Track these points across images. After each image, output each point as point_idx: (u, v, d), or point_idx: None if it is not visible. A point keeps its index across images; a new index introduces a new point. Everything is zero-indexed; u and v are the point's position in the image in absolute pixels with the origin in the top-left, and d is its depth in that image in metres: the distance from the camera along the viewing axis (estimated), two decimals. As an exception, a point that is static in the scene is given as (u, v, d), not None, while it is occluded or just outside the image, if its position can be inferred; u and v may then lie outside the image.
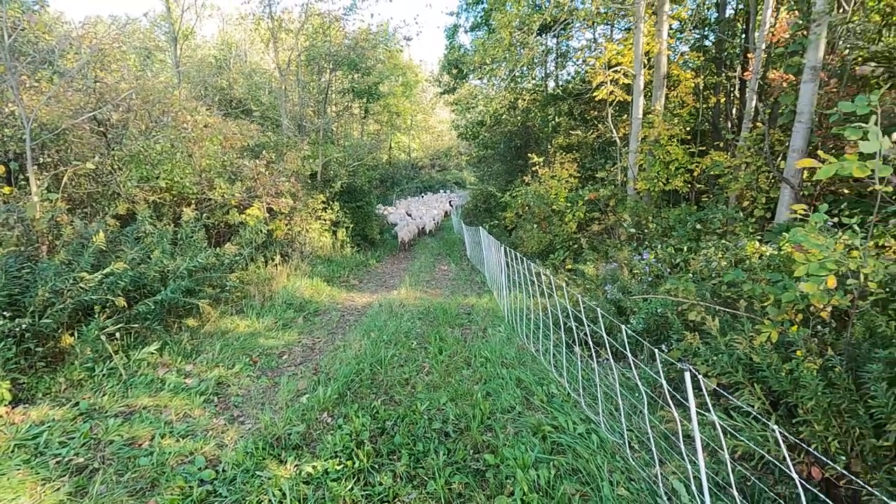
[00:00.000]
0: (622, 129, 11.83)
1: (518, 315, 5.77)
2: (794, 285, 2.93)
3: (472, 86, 18.14)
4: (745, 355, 2.89)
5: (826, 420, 2.47)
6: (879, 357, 2.49)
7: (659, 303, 4.09)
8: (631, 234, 7.85)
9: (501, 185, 16.22)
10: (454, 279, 10.38)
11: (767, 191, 7.29)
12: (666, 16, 9.91)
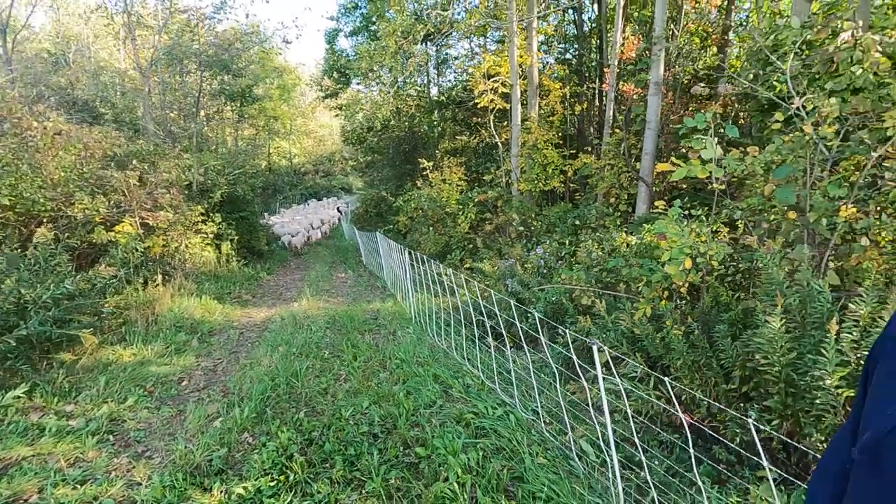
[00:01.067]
0: (503, 134, 12.71)
1: (426, 315, 6.00)
2: (659, 268, 3.54)
3: (358, 91, 18.08)
4: (628, 329, 3.43)
5: (691, 375, 3.06)
6: (723, 319, 3.15)
7: (554, 291, 4.60)
8: (520, 231, 8.54)
9: (392, 190, 16.42)
10: (354, 286, 10.33)
11: (628, 188, 8.44)
12: (535, 31, 10.91)
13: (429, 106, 15.47)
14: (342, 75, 18.77)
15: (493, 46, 15.00)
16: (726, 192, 4.20)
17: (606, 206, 8.40)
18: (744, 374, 2.82)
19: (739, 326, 3.16)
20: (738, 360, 2.87)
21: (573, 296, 4.31)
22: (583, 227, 7.56)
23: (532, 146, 10.40)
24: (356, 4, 17.84)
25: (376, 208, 19.14)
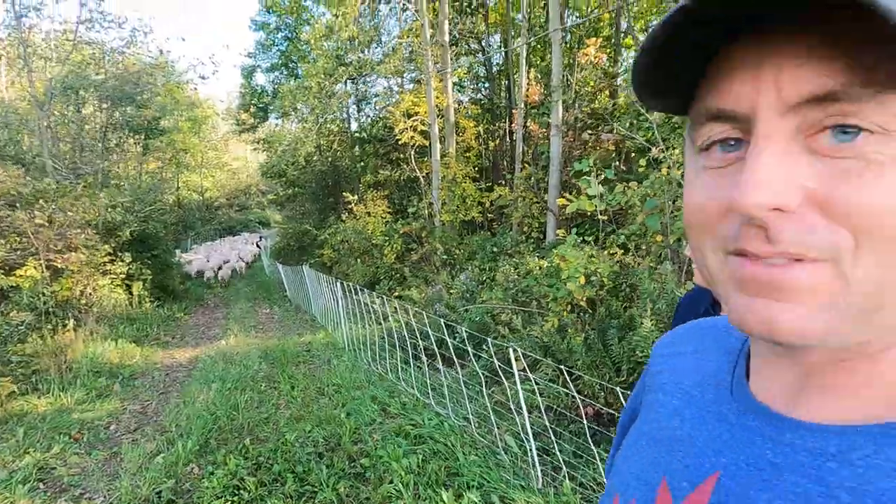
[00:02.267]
0: (424, 168, 13.42)
1: (359, 343, 6.29)
2: (563, 286, 4.21)
3: (279, 127, 18.11)
4: (540, 339, 4.04)
5: (590, 373, 3.70)
6: (614, 325, 3.85)
7: (477, 311, 5.15)
8: (444, 259, 9.12)
9: (315, 223, 16.46)
10: (282, 321, 10.28)
11: (539, 217, 9.38)
12: (450, 75, 11.85)
13: (350, 141, 15.91)
14: (260, 109, 18.71)
15: (409, 86, 15.89)
16: (613, 220, 5.05)
17: (521, 233, 9.26)
18: (630, 367, 3.49)
19: (626, 330, 3.87)
20: (624, 357, 3.55)
21: (494, 314, 4.89)
22: (501, 254, 8.29)
23: (451, 180, 11.16)
24: (273, 42, 18.05)
25: (299, 242, 18.97)
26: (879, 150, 0.27)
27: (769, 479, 0.36)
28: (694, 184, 0.36)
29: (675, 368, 0.52)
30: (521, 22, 12.35)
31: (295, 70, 17.98)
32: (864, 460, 0.32)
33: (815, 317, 0.30)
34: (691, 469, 0.41)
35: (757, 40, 0.30)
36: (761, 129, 0.30)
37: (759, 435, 0.38)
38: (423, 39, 10.97)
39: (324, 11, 13.42)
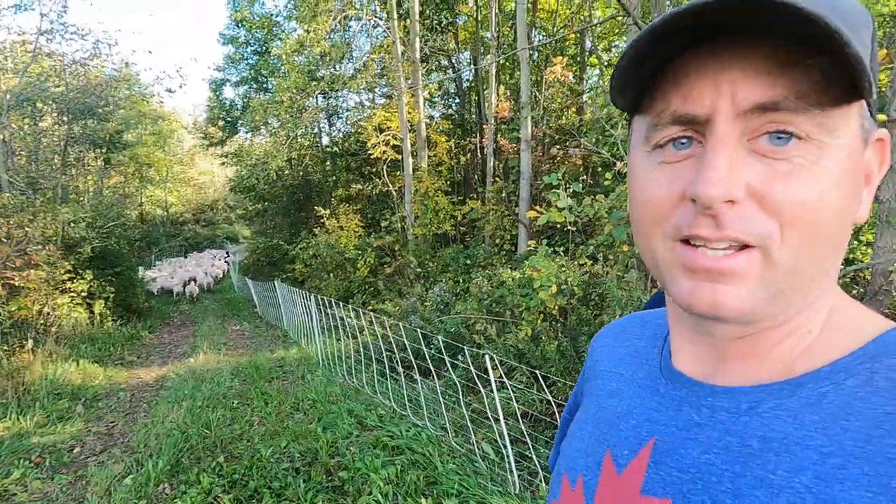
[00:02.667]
0: (397, 182, 13.50)
1: (334, 357, 6.25)
2: (535, 295, 4.33)
3: (248, 141, 17.90)
4: (515, 347, 4.13)
5: (564, 379, 3.81)
6: (585, 332, 3.99)
7: (452, 322, 5.22)
8: (418, 272, 9.17)
9: (286, 238, 16.26)
10: (252, 337, 10.08)
11: (510, 230, 9.57)
12: (421, 90, 12.05)
13: (322, 155, 15.87)
14: (228, 123, 18.47)
15: (381, 101, 16.00)
16: (583, 231, 5.24)
17: (493, 245, 9.42)
18: (600, 373, 3.62)
19: (596, 337, 4.01)
20: (596, 362, 3.67)
21: (469, 325, 4.97)
22: (474, 266, 8.41)
23: (424, 193, 11.27)
24: (242, 56, 17.92)
25: (269, 257, 18.66)
26: (804, 154, 0.34)
27: (696, 437, 0.41)
28: (648, 178, 0.40)
29: (610, 357, 0.58)
30: (490, 40, 12.70)
31: (265, 84, 17.89)
32: (769, 412, 0.38)
33: (750, 296, 0.36)
34: (631, 439, 0.47)
35: (712, 55, 0.35)
36: (718, 131, 0.35)
37: (685, 402, 0.44)
38: (395, 56, 11.14)
39: (295, 27, 13.46)
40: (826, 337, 0.40)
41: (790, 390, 0.39)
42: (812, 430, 0.36)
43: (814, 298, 0.39)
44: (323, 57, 11.51)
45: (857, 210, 0.38)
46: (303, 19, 10.64)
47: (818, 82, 0.33)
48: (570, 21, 13.64)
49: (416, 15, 11.18)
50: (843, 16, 0.33)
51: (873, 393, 0.35)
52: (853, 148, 0.36)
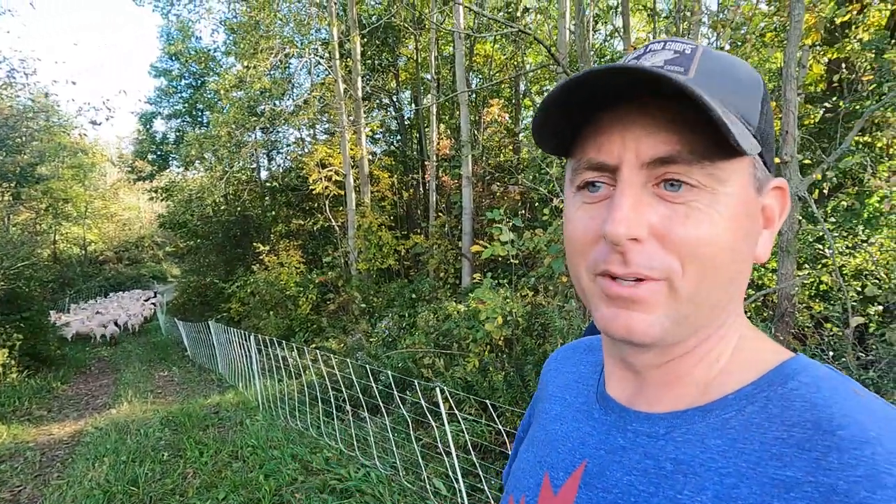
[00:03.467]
0: (340, 217, 13.40)
1: (275, 399, 5.98)
2: (482, 327, 4.44)
3: (180, 175, 17.15)
4: (463, 379, 4.18)
5: (511, 409, 3.88)
6: (530, 361, 4.11)
7: (399, 357, 5.19)
8: (362, 308, 9.05)
9: (221, 276, 15.52)
10: (183, 383, 9.42)
11: (454, 263, 9.73)
12: (363, 127, 12.20)
13: (260, 191, 15.49)
14: (159, 157, 17.68)
15: (322, 136, 16.00)
16: (525, 263, 5.45)
17: (437, 279, 9.51)
18: (546, 400, 3.73)
19: (541, 365, 4.15)
20: (541, 391, 3.78)
21: (417, 359, 4.97)
22: (419, 300, 8.44)
23: (367, 229, 11.25)
24: (176, 89, 17.39)
25: (202, 296, 17.66)
26: (697, 199, 0.39)
27: (620, 459, 0.45)
28: (574, 217, 0.45)
29: (557, 381, 0.61)
30: (430, 81, 13.18)
31: (200, 118, 17.36)
32: (682, 437, 0.42)
33: (658, 322, 0.41)
34: (566, 461, 0.50)
35: (622, 114, 0.41)
36: (624, 178, 0.40)
37: (613, 427, 0.48)
38: (337, 94, 11.27)
39: (234, 62, 13.32)
40: (733, 366, 0.44)
41: (701, 416, 0.42)
42: (715, 452, 0.40)
43: (717, 328, 0.44)
44: (263, 93, 11.43)
45: (755, 248, 0.44)
46: (243, 55, 10.58)
47: (707, 140, 0.38)
48: (505, 66, 14.50)
49: (357, 55, 11.45)
50: (734, 82, 0.41)
51: (767, 419, 0.39)
52: (744, 195, 0.41)
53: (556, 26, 9.20)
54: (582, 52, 6.58)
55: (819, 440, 0.36)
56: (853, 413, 0.37)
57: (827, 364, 0.43)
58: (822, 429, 0.37)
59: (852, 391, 0.39)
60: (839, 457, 0.35)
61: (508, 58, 14.51)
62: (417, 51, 13.67)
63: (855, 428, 0.36)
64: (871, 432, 0.35)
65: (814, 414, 0.38)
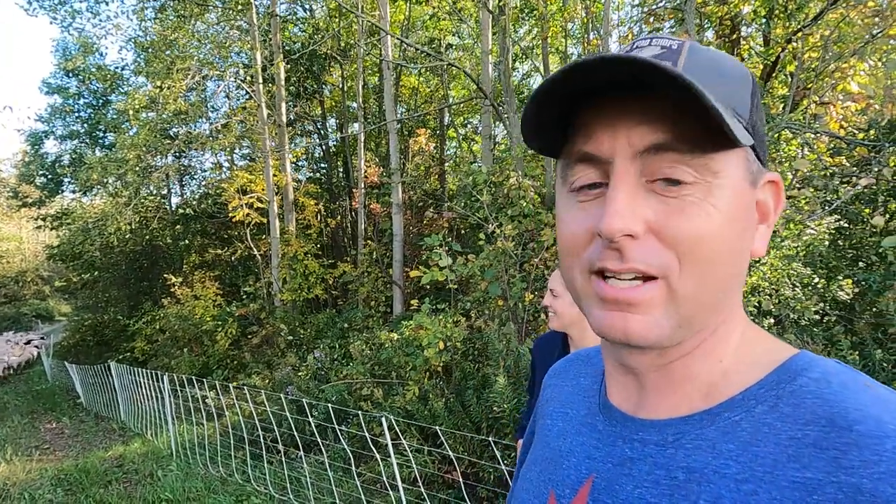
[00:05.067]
0: (262, 246, 12.77)
1: (192, 445, 5.44)
2: (421, 354, 4.39)
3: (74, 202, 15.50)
4: (403, 409, 4.08)
5: (454, 436, 3.84)
6: (470, 386, 4.12)
7: (333, 390, 4.97)
8: (289, 341, 8.61)
9: (124, 312, 14.07)
10: (76, 435, 8.30)
11: (385, 291, 9.60)
12: (288, 153, 11.87)
13: (172, 218, 14.41)
14: (50, 181, 15.93)
15: (242, 162, 15.32)
16: (459, 289, 5.51)
17: (368, 308, 9.31)
18: (488, 424, 3.74)
19: (481, 389, 4.17)
20: (483, 415, 3.80)
21: (353, 390, 4.78)
22: (350, 330, 8.19)
23: (292, 257, 10.82)
24: (73, 108, 15.90)
25: (98, 336, 15.86)
26: (693, 193, 0.38)
27: (629, 472, 0.43)
28: (567, 216, 0.44)
29: (559, 396, 0.59)
30: (355, 109, 13.20)
31: (102, 139, 15.88)
32: (692, 443, 0.41)
33: (657, 323, 0.39)
34: (572, 477, 0.48)
35: (613, 106, 0.40)
36: (618, 171, 0.39)
37: (619, 437, 0.46)
38: (261, 118, 10.92)
39: (144, 82, 12.49)
40: (737, 366, 0.42)
41: (709, 420, 0.41)
42: (728, 458, 0.38)
43: (717, 326, 0.43)
44: (178, 115, 10.78)
45: (752, 243, 0.43)
46: (155, 75, 9.95)
47: (700, 130, 0.37)
48: (430, 98, 14.92)
49: (282, 80, 11.22)
50: (722, 76, 0.40)
51: (778, 419, 0.38)
52: (738, 187, 0.40)
53: (480, 62, 9.68)
54: (507, 87, 6.97)
55: (836, 438, 0.35)
56: (868, 407, 0.35)
57: (834, 358, 0.42)
58: (837, 425, 0.35)
59: (863, 384, 0.38)
60: (860, 454, 0.34)
61: (433, 90, 14.96)
62: (343, 79, 13.68)
63: (871, 422, 0.34)
64: (890, 425, 0.34)
65: (827, 410, 0.36)
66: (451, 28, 13.11)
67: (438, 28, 12.88)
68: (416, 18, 13.61)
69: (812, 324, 4.35)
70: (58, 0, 11.36)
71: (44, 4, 11.42)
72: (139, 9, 10.84)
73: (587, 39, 10.49)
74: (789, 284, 4.65)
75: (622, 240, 0.38)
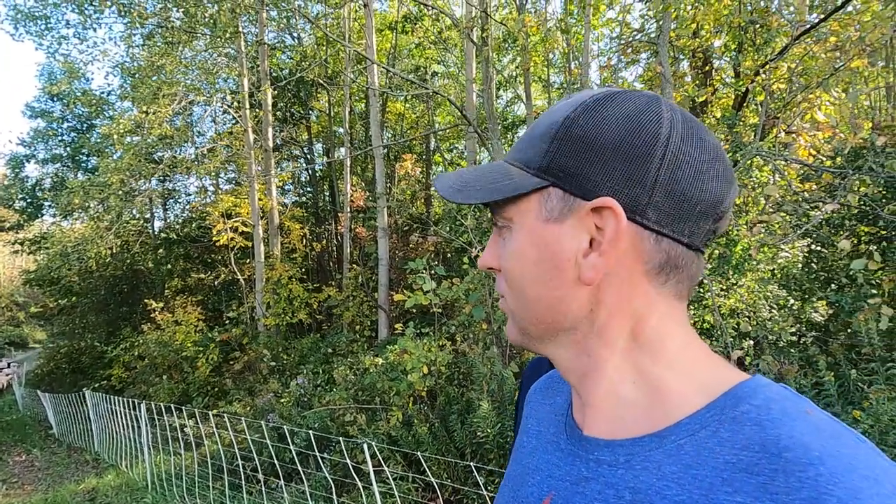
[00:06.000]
0: (247, 270, 12.65)
1: (168, 477, 5.28)
2: (405, 378, 4.36)
3: (55, 225, 15.24)
4: (387, 434, 4.03)
5: (438, 462, 3.80)
6: (454, 411, 4.09)
7: (316, 416, 4.89)
8: (272, 366, 8.46)
9: (102, 338, 13.70)
10: (47, 468, 7.99)
11: (370, 315, 9.54)
12: (274, 177, 11.89)
13: (154, 242, 14.22)
14: (30, 205, 15.68)
15: (227, 186, 15.27)
16: (444, 313, 5.52)
17: (353, 332, 9.23)
18: (472, 450, 3.71)
19: (465, 414, 4.14)
20: (467, 440, 3.77)
21: (336, 416, 4.71)
22: (334, 355, 8.09)
23: (277, 282, 10.72)
24: (56, 132, 15.80)
25: (74, 363, 15.39)
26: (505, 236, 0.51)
27: (583, 490, 0.45)
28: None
29: (536, 414, 0.61)
30: (342, 135, 13.34)
31: (85, 163, 15.73)
32: (640, 464, 0.42)
33: (511, 329, 0.53)
34: (535, 495, 0.50)
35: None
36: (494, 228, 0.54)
37: (577, 456, 0.48)
38: (247, 143, 10.97)
39: (130, 106, 12.50)
40: (685, 390, 0.44)
41: (657, 443, 0.42)
42: (670, 480, 0.40)
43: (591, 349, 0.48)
44: (163, 139, 10.78)
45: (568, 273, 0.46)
46: (141, 100, 9.97)
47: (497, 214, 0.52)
48: (416, 123, 15.16)
49: (268, 106, 11.32)
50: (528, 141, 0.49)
51: (718, 443, 0.39)
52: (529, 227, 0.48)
53: (464, 90, 9.91)
54: (490, 114, 7.14)
55: (766, 463, 0.36)
56: (800, 435, 0.37)
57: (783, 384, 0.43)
58: (769, 451, 0.36)
59: (803, 411, 0.39)
60: (785, 480, 0.35)
61: (419, 116, 15.21)
62: (330, 105, 13.84)
63: (800, 450, 0.35)
64: (815, 452, 0.35)
65: (762, 437, 0.37)
66: (437, 57, 13.43)
67: (424, 56, 13.18)
68: (402, 47, 13.92)
69: (789, 345, 4.44)
70: (44, 26, 11.41)
71: (30, 30, 11.47)
72: (127, 35, 10.94)
73: (569, 69, 10.84)
74: (766, 306, 4.76)
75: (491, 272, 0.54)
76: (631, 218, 0.44)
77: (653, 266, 0.45)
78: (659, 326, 0.46)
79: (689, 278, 0.47)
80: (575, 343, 0.48)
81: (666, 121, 0.44)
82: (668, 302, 0.46)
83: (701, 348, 0.47)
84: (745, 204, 5.07)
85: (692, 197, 0.44)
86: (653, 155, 0.43)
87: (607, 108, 0.45)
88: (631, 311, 0.46)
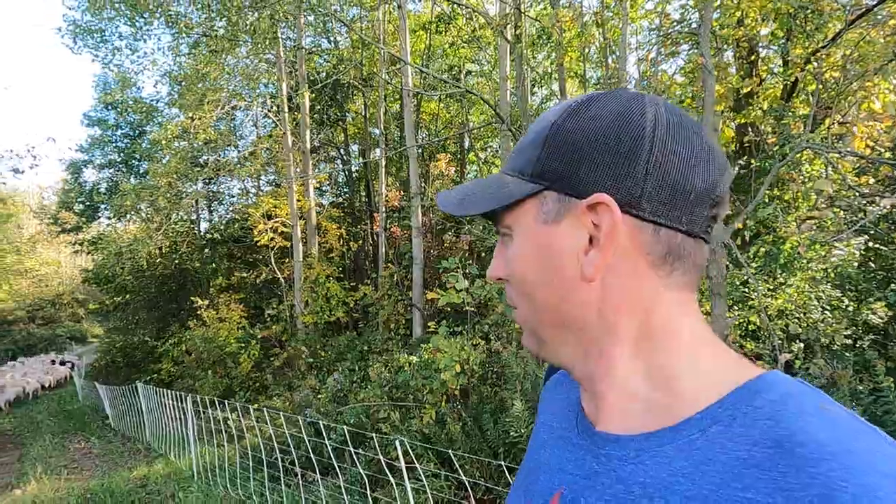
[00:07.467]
0: (285, 269, 13.03)
1: (213, 467, 5.50)
2: (439, 377, 4.38)
3: (110, 227, 16.16)
4: (420, 432, 4.06)
5: (470, 461, 3.80)
6: (487, 410, 4.08)
7: (352, 413, 4.98)
8: (310, 363, 8.68)
9: (153, 334, 14.44)
10: (104, 455, 8.48)
11: (404, 314, 9.63)
12: (311, 179, 12.19)
13: (200, 243, 14.86)
14: (88, 208, 16.68)
15: (267, 188, 15.76)
16: (477, 312, 5.51)
17: (388, 331, 9.35)
18: (505, 449, 3.69)
19: (498, 413, 4.12)
20: (500, 440, 3.75)
21: (371, 413, 4.79)
22: (370, 352, 8.22)
23: (314, 280, 10.99)
24: (111, 139, 16.74)
25: (128, 357, 16.27)
26: (507, 243, 0.52)
27: (594, 485, 0.45)
28: None
29: (551, 408, 0.61)
30: (377, 136, 13.52)
31: (137, 168, 16.66)
32: (651, 459, 0.42)
33: (526, 338, 0.53)
34: (545, 489, 0.51)
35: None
36: (499, 238, 0.54)
37: (587, 451, 0.48)
38: (286, 146, 11.28)
39: (177, 112, 13.10)
40: (697, 385, 0.44)
41: (670, 437, 0.42)
42: (680, 475, 0.40)
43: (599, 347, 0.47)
44: (207, 143, 11.24)
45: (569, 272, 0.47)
46: (188, 107, 10.44)
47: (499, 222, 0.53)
48: (451, 123, 15.18)
49: (306, 109, 11.61)
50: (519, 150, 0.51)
51: (730, 440, 0.39)
52: (528, 231, 0.49)
53: (498, 89, 9.85)
54: (524, 112, 7.07)
55: (779, 460, 0.36)
56: (815, 431, 0.36)
57: (800, 379, 0.43)
58: (783, 448, 0.36)
59: (819, 406, 0.39)
60: (797, 476, 0.34)
61: (454, 115, 15.24)
62: (366, 107, 14.06)
63: (813, 446, 0.35)
64: (829, 447, 0.35)
65: (777, 433, 0.37)
66: (471, 56, 13.41)
67: (458, 56, 13.19)
68: (436, 47, 13.98)
69: (843, 348, 4.19)
70: (100, 39, 12.12)
71: (87, 43, 12.20)
72: (174, 45, 11.47)
73: (606, 63, 10.60)
74: (818, 307, 4.51)
75: (500, 282, 0.54)
76: (626, 211, 0.44)
77: (655, 257, 0.45)
78: (668, 319, 0.46)
79: (695, 267, 0.47)
80: (587, 343, 0.48)
81: (650, 115, 0.45)
82: (676, 293, 0.46)
83: (714, 341, 0.47)
84: (794, 200, 4.82)
85: (684, 185, 0.44)
86: (640, 149, 0.44)
87: (591, 109, 0.47)
88: (639, 305, 0.46)
